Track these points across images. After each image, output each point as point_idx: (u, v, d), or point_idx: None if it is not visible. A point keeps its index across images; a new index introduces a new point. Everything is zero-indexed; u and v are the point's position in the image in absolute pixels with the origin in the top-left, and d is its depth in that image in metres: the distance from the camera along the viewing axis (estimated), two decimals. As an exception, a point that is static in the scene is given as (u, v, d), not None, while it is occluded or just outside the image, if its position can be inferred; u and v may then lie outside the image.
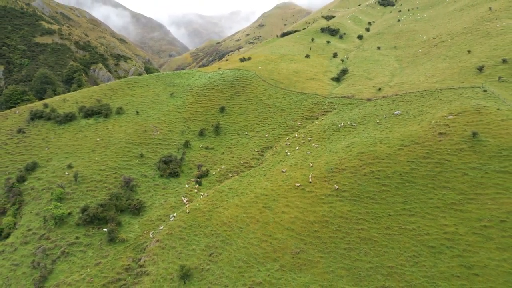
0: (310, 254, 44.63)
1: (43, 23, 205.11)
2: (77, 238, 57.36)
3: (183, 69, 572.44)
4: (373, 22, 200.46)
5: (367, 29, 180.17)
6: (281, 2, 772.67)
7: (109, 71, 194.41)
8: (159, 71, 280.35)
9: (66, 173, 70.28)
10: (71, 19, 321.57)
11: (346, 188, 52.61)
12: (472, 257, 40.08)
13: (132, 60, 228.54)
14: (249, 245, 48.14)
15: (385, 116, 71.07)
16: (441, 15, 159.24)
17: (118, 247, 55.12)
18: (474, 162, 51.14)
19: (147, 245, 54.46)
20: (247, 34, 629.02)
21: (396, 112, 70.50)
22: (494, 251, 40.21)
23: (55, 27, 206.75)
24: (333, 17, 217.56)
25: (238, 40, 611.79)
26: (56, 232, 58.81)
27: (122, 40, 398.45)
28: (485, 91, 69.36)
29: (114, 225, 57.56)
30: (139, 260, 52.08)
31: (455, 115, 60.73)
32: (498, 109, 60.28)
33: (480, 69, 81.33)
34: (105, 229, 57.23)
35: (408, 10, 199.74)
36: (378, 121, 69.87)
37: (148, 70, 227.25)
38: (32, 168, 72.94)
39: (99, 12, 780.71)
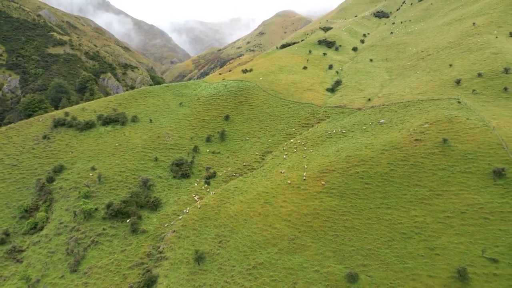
0: (303, 240, 53.63)
1: (55, 34, 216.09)
2: (104, 229, 66.48)
3: (185, 76, 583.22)
4: (368, 34, 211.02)
5: (362, 41, 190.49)
6: (281, 10, 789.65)
7: (117, 80, 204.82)
8: (163, 79, 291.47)
9: (90, 174, 79.57)
10: (77, 28, 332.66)
11: (335, 186, 61.78)
12: (435, 241, 48.85)
13: (138, 69, 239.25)
14: (252, 234, 57.20)
15: (371, 124, 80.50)
16: (430, 29, 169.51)
17: (140, 237, 64.23)
18: (443, 164, 60.13)
19: (164, 235, 63.48)
20: (248, 42, 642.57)
21: (381, 121, 79.97)
22: (454, 236, 48.97)
23: (66, 38, 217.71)
24: (331, 28, 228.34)
25: (239, 47, 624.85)
26: (85, 224, 67.93)
27: (126, 48, 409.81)
28: (459, 102, 78.75)
29: (135, 218, 66.69)
30: (159, 247, 61.07)
31: (430, 124, 70.05)
32: (467, 119, 69.53)
33: (458, 82, 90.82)
34: (128, 221, 66.44)
35: (401, 22, 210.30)
36: (365, 128, 79.33)
37: (153, 78, 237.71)
38: (59, 170, 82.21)
39: (102, 19, 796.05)
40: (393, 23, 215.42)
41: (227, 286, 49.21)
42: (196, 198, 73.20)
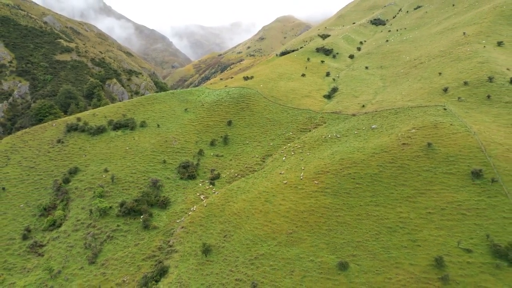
0: (300, 234, 59.69)
1: (62, 41, 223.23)
2: (118, 226, 72.58)
3: (186, 80, 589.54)
4: (365, 41, 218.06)
5: (359, 49, 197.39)
6: (281, 15, 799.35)
7: (122, 85, 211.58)
8: (166, 84, 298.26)
9: (104, 176, 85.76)
10: (80, 34, 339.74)
11: (329, 186, 67.97)
12: (417, 234, 54.74)
13: (143, 75, 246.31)
14: (254, 229, 63.31)
15: (364, 129, 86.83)
16: (424, 37, 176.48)
17: (151, 232, 70.35)
18: (427, 166, 66.18)
19: (174, 231, 69.60)
20: (248, 47, 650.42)
21: (373, 126, 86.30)
22: (434, 229, 54.88)
23: (72, 45, 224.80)
24: (329, 36, 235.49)
25: (239, 52, 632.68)
26: (100, 221, 74.03)
27: (128, 53, 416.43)
28: (445, 109, 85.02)
29: (147, 216, 72.81)
30: (169, 242, 67.12)
31: (417, 129, 76.33)
32: (451, 125, 75.77)
33: (445, 90, 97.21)
34: (141, 217, 72.55)
35: (397, 30, 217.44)
36: (357, 133, 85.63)
37: (157, 84, 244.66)
38: (74, 171, 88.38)
39: (103, 24, 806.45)
40: (389, 31, 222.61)
41: (232, 274, 55.23)
42: (202, 197, 79.33)
